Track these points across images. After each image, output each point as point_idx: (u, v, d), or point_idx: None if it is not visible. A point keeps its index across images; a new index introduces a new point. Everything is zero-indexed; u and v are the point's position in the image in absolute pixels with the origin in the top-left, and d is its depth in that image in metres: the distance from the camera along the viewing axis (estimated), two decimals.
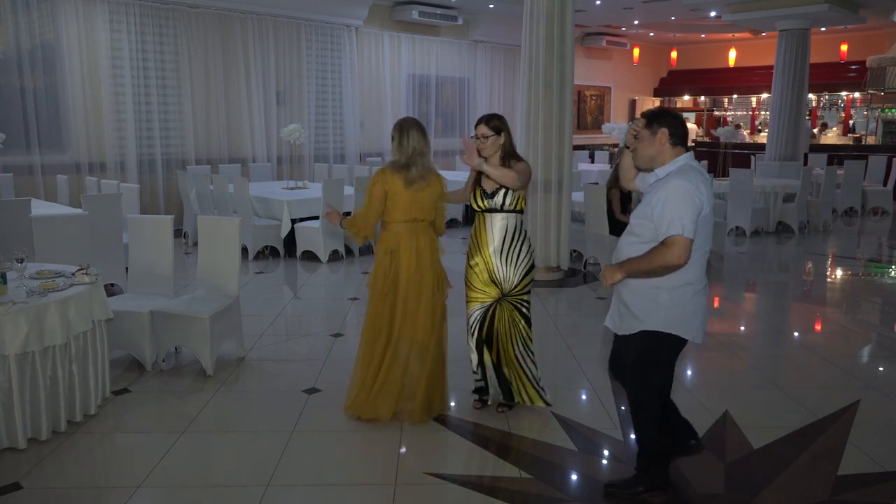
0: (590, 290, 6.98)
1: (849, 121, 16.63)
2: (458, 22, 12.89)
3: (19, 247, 4.03)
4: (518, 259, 3.77)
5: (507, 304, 3.83)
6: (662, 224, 2.78)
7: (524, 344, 3.90)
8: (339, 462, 3.46)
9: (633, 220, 2.99)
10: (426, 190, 3.71)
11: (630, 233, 2.97)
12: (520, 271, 3.78)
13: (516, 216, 3.79)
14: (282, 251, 8.31)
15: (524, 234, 3.83)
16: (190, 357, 4.79)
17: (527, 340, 3.91)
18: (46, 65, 8.68)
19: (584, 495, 3.22)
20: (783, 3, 11.69)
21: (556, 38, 6.79)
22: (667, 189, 2.80)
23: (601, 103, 17.72)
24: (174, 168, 9.81)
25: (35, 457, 3.44)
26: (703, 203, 2.78)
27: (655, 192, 2.86)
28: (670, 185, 2.81)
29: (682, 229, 2.73)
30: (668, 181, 2.83)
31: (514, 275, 3.78)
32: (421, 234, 3.76)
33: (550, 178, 6.94)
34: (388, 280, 3.75)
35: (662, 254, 2.76)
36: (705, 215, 2.81)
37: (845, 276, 8.05)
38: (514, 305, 3.85)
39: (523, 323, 3.89)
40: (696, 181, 2.79)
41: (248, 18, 10.39)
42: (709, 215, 2.84)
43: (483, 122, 3.75)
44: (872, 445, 3.61)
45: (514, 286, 3.79)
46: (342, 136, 12.00)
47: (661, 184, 2.86)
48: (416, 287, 3.73)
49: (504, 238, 3.75)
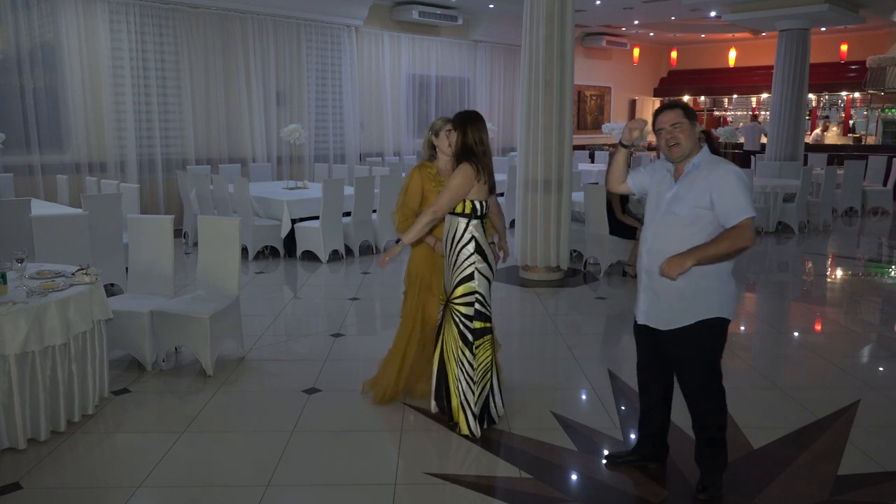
0: (590, 289, 6.98)
1: (849, 121, 16.63)
2: (458, 22, 12.89)
3: (19, 247, 4.04)
4: (457, 264, 3.61)
5: (448, 312, 3.72)
6: (733, 209, 2.82)
7: (459, 363, 3.65)
8: (339, 462, 3.45)
9: (680, 210, 2.93)
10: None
11: (681, 224, 2.92)
12: (456, 278, 3.61)
13: (460, 219, 3.60)
14: (282, 251, 8.31)
15: (471, 240, 3.59)
16: (190, 357, 4.79)
17: (462, 361, 3.65)
18: (46, 65, 8.68)
19: (584, 495, 3.22)
20: (783, 3, 11.70)
21: (556, 38, 6.79)
22: (724, 176, 2.87)
23: (601, 103, 17.72)
24: (174, 168, 9.81)
25: (35, 457, 3.44)
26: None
27: (704, 179, 2.90)
28: (722, 171, 2.89)
29: (752, 211, 2.83)
30: (716, 168, 2.90)
31: (451, 280, 3.65)
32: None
33: (550, 178, 6.94)
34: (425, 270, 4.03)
35: (738, 237, 2.81)
36: None
37: (845, 276, 8.05)
38: (452, 316, 3.66)
39: (460, 342, 3.64)
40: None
41: (248, 18, 10.39)
42: None
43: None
44: (872, 445, 3.61)
45: (450, 293, 3.67)
46: (342, 136, 12.00)
47: (707, 171, 2.91)
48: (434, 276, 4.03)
49: (446, 240, 3.68)
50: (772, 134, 12.85)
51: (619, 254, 7.41)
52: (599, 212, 7.31)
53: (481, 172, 3.57)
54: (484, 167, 3.59)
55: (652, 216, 3.08)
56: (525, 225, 7.11)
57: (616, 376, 4.56)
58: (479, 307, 3.63)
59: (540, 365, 4.99)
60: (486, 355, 3.72)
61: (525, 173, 7.07)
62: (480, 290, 3.63)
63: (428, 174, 3.96)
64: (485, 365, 3.71)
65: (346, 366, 4.78)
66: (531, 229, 7.06)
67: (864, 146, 15.54)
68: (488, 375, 3.75)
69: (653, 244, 3.01)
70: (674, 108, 3.02)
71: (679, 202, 2.95)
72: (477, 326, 3.65)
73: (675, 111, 3.00)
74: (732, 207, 2.83)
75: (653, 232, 3.04)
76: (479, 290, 3.62)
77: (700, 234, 2.89)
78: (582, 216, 7.81)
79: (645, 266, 3.06)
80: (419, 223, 3.60)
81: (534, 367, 4.90)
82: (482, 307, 3.65)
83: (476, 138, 3.59)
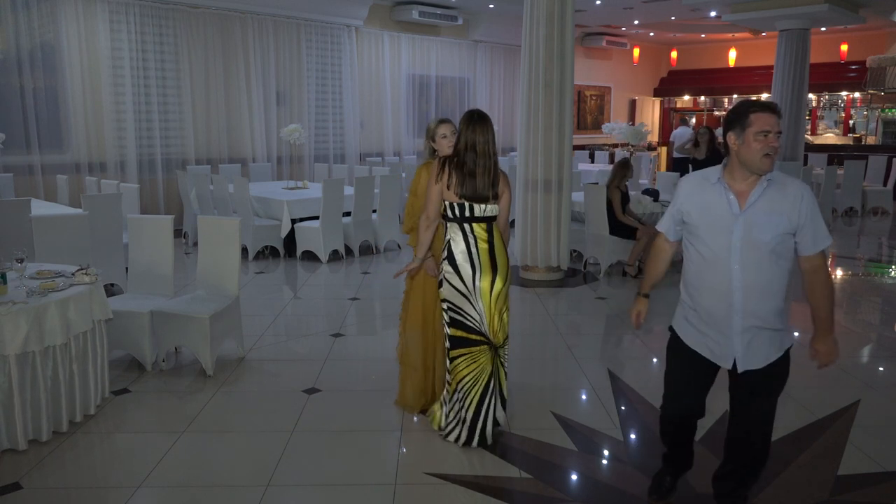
0: (590, 290, 6.98)
1: (849, 121, 16.63)
2: (458, 22, 12.89)
3: (19, 247, 4.04)
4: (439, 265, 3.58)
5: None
6: (819, 236, 2.53)
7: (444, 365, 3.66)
8: (339, 462, 3.45)
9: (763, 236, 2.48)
10: None
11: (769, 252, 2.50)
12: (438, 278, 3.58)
13: (443, 220, 3.55)
14: (282, 251, 8.31)
15: (445, 245, 3.50)
16: (190, 357, 4.79)
17: (446, 364, 3.61)
18: (46, 65, 8.68)
19: (584, 495, 3.22)
20: (783, 3, 11.69)
21: (556, 38, 6.79)
22: (806, 197, 2.49)
23: (601, 103, 17.71)
24: (174, 168, 9.81)
25: (35, 457, 3.44)
26: None
27: (783, 198, 2.49)
28: (800, 189, 2.51)
29: (830, 238, 2.56)
30: (790, 185, 2.51)
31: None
32: None
33: (550, 178, 6.94)
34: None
35: (828, 273, 2.54)
36: None
37: (845, 276, 8.05)
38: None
39: (442, 343, 3.68)
40: None
41: (248, 18, 10.39)
42: None
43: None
44: (872, 445, 3.61)
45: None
46: (342, 136, 12.00)
47: (782, 187, 2.51)
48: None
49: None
50: None
51: (619, 254, 7.41)
52: (599, 212, 7.31)
53: (445, 174, 3.42)
54: (458, 169, 3.41)
55: (722, 245, 2.55)
56: (525, 225, 7.11)
57: (616, 376, 4.56)
58: (453, 314, 3.48)
59: (540, 365, 5.00)
60: (466, 372, 3.50)
61: (525, 173, 7.07)
62: (450, 298, 3.47)
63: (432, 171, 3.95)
64: (465, 383, 3.51)
65: (346, 366, 4.78)
66: (531, 229, 7.06)
67: (864, 146, 15.54)
68: (472, 396, 3.51)
69: (744, 279, 2.52)
70: (776, 111, 2.49)
71: (760, 227, 2.49)
72: (454, 334, 3.50)
73: (777, 116, 2.48)
74: (819, 234, 2.52)
75: (739, 264, 2.52)
76: (448, 298, 3.48)
77: (788, 263, 2.55)
78: (582, 216, 7.81)
79: (739, 307, 2.55)
80: (420, 234, 3.57)
81: (534, 367, 4.90)
82: (457, 315, 3.47)
83: (468, 141, 3.42)
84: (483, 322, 3.45)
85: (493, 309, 3.45)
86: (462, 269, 3.42)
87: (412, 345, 3.92)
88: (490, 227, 3.48)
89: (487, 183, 3.42)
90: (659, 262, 2.90)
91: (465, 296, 3.43)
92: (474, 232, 3.44)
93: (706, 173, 2.67)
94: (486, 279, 3.42)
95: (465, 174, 3.40)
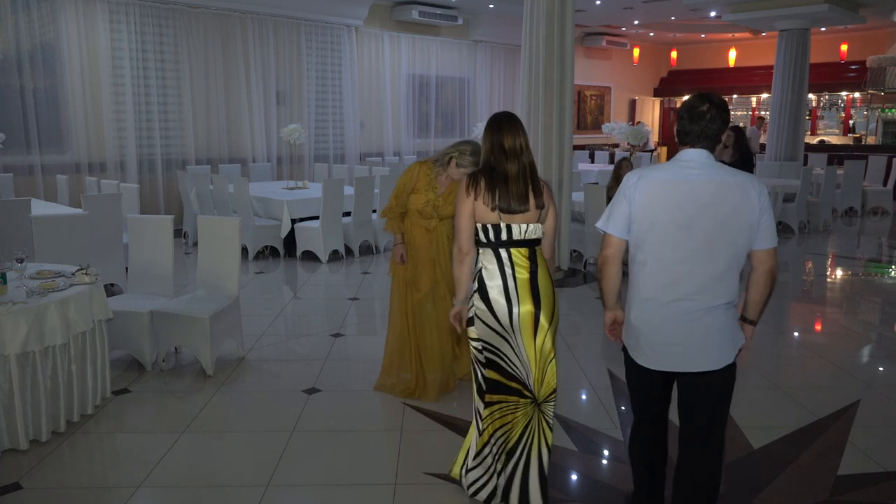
0: (590, 289, 6.97)
1: (849, 121, 16.64)
2: (458, 22, 12.89)
3: (19, 247, 4.04)
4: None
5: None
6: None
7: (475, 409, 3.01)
8: (339, 462, 3.45)
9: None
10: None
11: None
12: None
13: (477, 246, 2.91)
14: (282, 251, 8.31)
15: (478, 274, 2.87)
16: (190, 357, 4.79)
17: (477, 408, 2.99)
18: (46, 65, 8.68)
19: (584, 495, 3.22)
20: (783, 3, 11.70)
21: (556, 38, 6.79)
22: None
23: (601, 103, 17.72)
24: (174, 168, 9.82)
25: (35, 457, 3.44)
26: None
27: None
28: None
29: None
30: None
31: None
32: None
33: (550, 178, 6.94)
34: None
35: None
36: None
37: (845, 276, 8.05)
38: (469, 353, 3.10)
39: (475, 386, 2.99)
40: None
41: (248, 18, 10.39)
42: None
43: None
44: (872, 445, 3.61)
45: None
46: (342, 136, 12.00)
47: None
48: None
49: None
50: (772, 134, 12.86)
51: None
52: (599, 212, 7.29)
53: (474, 187, 2.79)
54: (487, 175, 2.80)
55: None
56: None
57: (616, 376, 4.56)
58: (489, 354, 2.84)
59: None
60: (500, 423, 2.88)
61: None
62: (484, 338, 2.83)
63: (427, 173, 3.96)
64: (499, 435, 2.89)
65: (346, 366, 4.78)
66: None
67: (864, 146, 15.55)
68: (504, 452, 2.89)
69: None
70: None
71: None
72: (491, 377, 2.87)
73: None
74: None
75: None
76: (484, 338, 2.83)
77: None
78: (582, 216, 7.81)
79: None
80: (454, 271, 2.90)
81: None
82: (493, 355, 2.84)
83: (495, 142, 2.83)
84: (527, 372, 2.83)
85: (538, 357, 2.81)
86: (496, 305, 2.77)
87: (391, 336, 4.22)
88: (533, 254, 2.81)
89: (526, 189, 2.78)
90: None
91: (503, 336, 2.81)
92: (512, 258, 2.78)
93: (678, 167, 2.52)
94: (526, 307, 2.78)
95: (497, 180, 2.77)
